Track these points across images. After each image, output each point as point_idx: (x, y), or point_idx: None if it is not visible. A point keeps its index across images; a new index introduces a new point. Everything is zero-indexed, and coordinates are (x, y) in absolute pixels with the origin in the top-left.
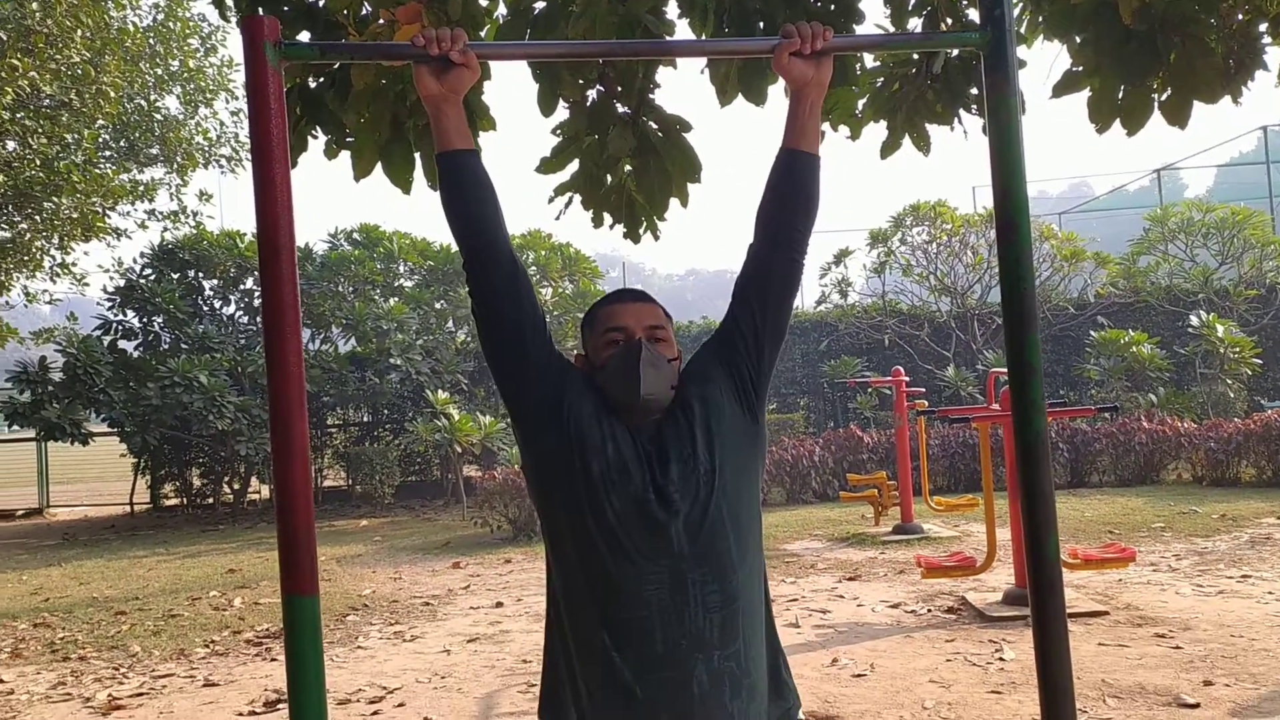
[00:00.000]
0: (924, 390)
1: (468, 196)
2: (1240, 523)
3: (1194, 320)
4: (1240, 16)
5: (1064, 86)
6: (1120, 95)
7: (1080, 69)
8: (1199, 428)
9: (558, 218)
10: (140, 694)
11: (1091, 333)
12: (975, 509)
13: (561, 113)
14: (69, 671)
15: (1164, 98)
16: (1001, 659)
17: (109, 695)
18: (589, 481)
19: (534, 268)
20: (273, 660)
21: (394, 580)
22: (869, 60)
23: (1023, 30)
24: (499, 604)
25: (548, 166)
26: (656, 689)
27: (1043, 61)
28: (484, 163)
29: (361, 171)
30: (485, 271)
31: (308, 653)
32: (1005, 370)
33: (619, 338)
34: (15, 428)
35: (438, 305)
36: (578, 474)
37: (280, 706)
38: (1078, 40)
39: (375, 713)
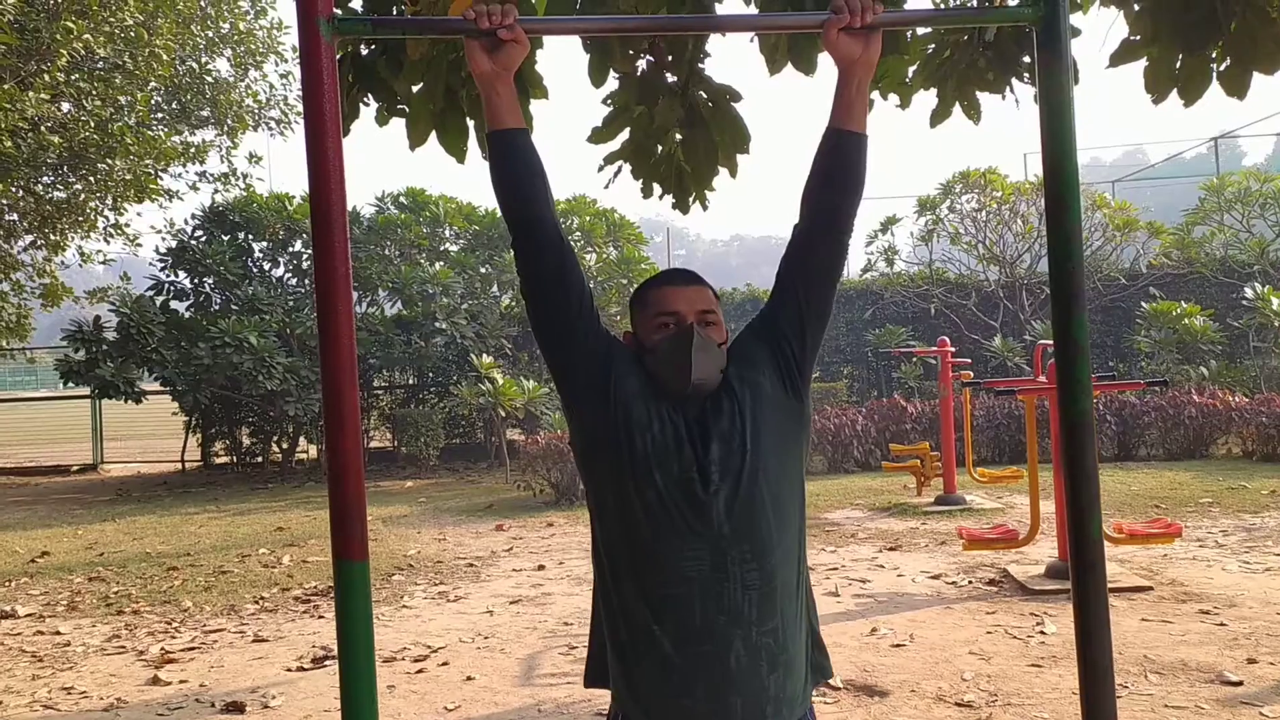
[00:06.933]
0: (969, 360)
1: (518, 176)
2: None
3: (1248, 293)
4: None
5: (1121, 56)
6: (1178, 65)
7: (1138, 38)
8: (1251, 402)
9: (606, 186)
10: (192, 648)
11: (1143, 304)
12: (1019, 481)
13: (612, 83)
14: (123, 625)
15: (1223, 68)
16: (1043, 632)
17: (161, 649)
18: (634, 458)
19: (578, 233)
20: (320, 618)
21: (438, 541)
22: (920, 27)
23: None
24: (541, 567)
25: (598, 136)
26: (694, 661)
27: (1098, 26)
28: (533, 138)
29: (417, 140)
30: (535, 255)
31: (358, 615)
32: (1052, 342)
33: (670, 322)
34: (70, 385)
35: (483, 270)
36: (624, 451)
37: (327, 662)
38: (1135, 8)
39: (420, 671)
